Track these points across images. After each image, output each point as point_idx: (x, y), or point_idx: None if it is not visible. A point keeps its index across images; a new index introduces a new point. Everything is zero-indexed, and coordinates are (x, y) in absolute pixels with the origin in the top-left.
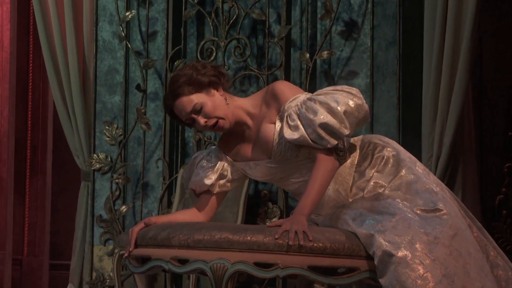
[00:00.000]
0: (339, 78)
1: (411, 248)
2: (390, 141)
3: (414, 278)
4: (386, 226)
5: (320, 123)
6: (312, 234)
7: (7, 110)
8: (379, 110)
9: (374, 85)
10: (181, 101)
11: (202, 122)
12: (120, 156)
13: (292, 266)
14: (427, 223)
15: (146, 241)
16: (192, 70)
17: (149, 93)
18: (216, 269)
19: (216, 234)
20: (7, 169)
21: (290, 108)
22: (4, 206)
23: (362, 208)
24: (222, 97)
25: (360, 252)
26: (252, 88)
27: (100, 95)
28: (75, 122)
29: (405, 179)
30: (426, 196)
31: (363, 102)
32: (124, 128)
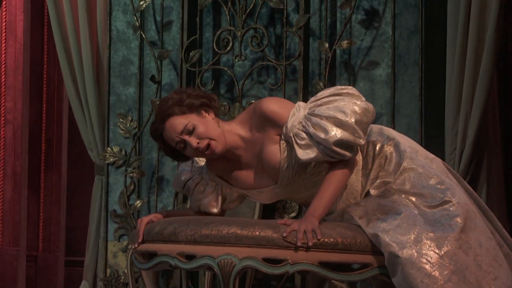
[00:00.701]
0: (359, 68)
1: (417, 246)
2: (387, 130)
3: (421, 278)
4: (391, 225)
5: (334, 142)
6: (321, 232)
7: (20, 103)
8: (400, 101)
9: (395, 76)
10: (172, 122)
11: (194, 143)
12: (134, 149)
13: (302, 262)
14: (435, 219)
15: (152, 236)
16: (182, 93)
17: (164, 84)
18: (224, 265)
19: (224, 229)
20: (21, 163)
21: (293, 127)
22: (18, 201)
23: (369, 206)
24: (214, 120)
25: (373, 248)
26: (270, 79)
27: (114, 86)
28: (89, 115)
29: (409, 173)
30: (432, 189)
31: (366, 102)
32: (138, 121)
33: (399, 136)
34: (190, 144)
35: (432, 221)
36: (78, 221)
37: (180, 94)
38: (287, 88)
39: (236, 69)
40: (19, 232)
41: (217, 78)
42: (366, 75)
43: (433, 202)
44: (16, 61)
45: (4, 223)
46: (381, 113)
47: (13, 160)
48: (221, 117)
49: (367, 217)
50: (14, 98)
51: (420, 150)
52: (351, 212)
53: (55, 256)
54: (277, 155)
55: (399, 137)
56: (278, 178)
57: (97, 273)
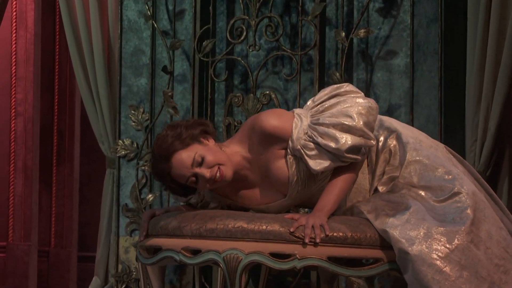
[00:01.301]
0: (377, 58)
1: (427, 242)
2: (386, 122)
3: (432, 275)
4: (400, 220)
5: (346, 149)
6: (329, 228)
7: (31, 94)
8: (419, 91)
9: (414, 65)
10: (178, 158)
11: (208, 174)
12: (146, 141)
13: (310, 257)
14: (445, 213)
15: (157, 230)
16: (176, 127)
17: (176, 75)
18: (230, 260)
19: (230, 223)
20: (32, 156)
21: (299, 139)
22: (29, 195)
23: (378, 202)
24: (215, 146)
25: (383, 242)
26: (285, 69)
27: (126, 77)
28: (100, 107)
29: (414, 166)
30: (440, 180)
31: (366, 98)
32: (150, 113)
33: (400, 126)
34: (203, 176)
35: (442, 215)
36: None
37: (175, 128)
38: (302, 79)
39: (250, 59)
40: (31, 227)
41: (230, 68)
42: (384, 65)
43: (442, 195)
44: (27, 52)
45: (15, 217)
46: (399, 104)
47: (24, 154)
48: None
49: (376, 212)
50: (25, 90)
51: (423, 139)
52: (360, 207)
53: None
54: (285, 170)
55: (400, 127)
56: (287, 192)
57: (109, 268)
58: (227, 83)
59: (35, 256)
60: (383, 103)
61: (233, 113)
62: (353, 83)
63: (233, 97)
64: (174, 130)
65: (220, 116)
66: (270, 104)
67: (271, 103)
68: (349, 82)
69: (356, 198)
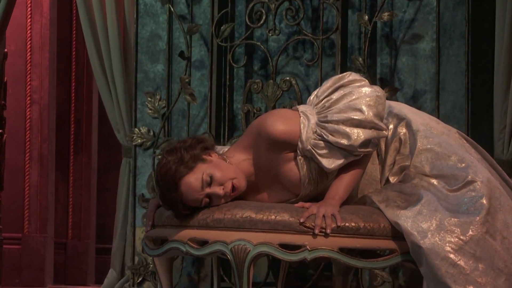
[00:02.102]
0: (402, 42)
1: (440, 234)
2: (396, 108)
3: (445, 269)
4: (412, 211)
5: (359, 144)
6: (341, 218)
7: (47, 81)
8: (446, 77)
9: (440, 49)
10: (186, 183)
11: (221, 191)
12: (163, 129)
13: (321, 248)
14: (459, 203)
15: (163, 220)
16: (175, 151)
17: (194, 61)
18: (237, 251)
19: (238, 213)
20: (48, 145)
21: (308, 139)
22: (45, 185)
23: (390, 193)
24: (220, 159)
25: (397, 233)
26: (307, 54)
27: (142, 63)
28: (115, 94)
29: (426, 154)
30: (453, 168)
31: (372, 86)
32: (167, 100)
33: (409, 112)
34: (216, 194)
35: (456, 205)
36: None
37: (175, 153)
38: (324, 64)
39: (270, 44)
40: (47, 218)
41: (250, 54)
42: (409, 50)
43: (455, 184)
44: (42, 38)
45: (30, 208)
46: (425, 90)
47: (40, 142)
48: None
49: (387, 203)
50: (40, 77)
51: (434, 125)
52: (371, 197)
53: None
54: (296, 172)
55: (410, 113)
56: (299, 192)
57: (125, 261)
58: (246, 69)
59: (51, 248)
60: (407, 89)
61: (252, 100)
62: (377, 69)
63: (252, 83)
64: (175, 155)
65: (238, 103)
66: (291, 91)
67: (291, 89)
68: (373, 67)
69: (367, 189)
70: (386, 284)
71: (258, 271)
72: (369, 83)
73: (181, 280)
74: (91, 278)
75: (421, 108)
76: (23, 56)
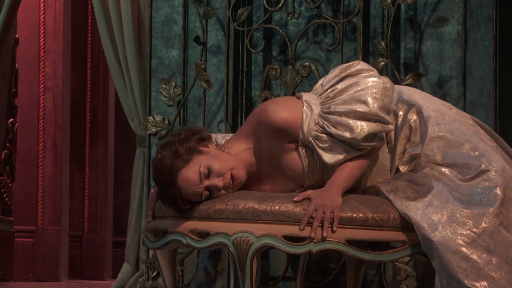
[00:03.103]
0: (426, 25)
1: (451, 226)
2: (406, 94)
3: (457, 263)
4: (422, 203)
5: (362, 138)
6: (339, 216)
7: (61, 68)
8: (472, 61)
9: (467, 33)
10: (184, 177)
11: (220, 183)
12: (178, 118)
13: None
14: (472, 193)
15: (163, 211)
16: (170, 145)
17: (210, 46)
18: (240, 243)
19: (240, 203)
20: (62, 134)
21: (310, 131)
22: (59, 176)
23: (399, 183)
24: (218, 149)
25: (408, 224)
26: (327, 39)
27: (156, 49)
28: (129, 81)
29: (437, 143)
30: (466, 157)
31: (380, 77)
32: (183, 87)
33: (420, 97)
34: (215, 186)
35: (469, 196)
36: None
37: (169, 147)
38: (345, 49)
39: (289, 28)
40: (61, 210)
41: (268, 38)
42: (434, 33)
43: (468, 173)
44: (56, 23)
45: (44, 200)
46: (451, 76)
47: (54, 132)
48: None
49: (396, 193)
50: (54, 64)
51: (447, 112)
52: (380, 187)
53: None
54: (299, 163)
55: (421, 99)
56: (304, 182)
57: (140, 254)
58: (265, 54)
59: (66, 241)
60: (432, 74)
61: (271, 86)
62: (400, 53)
63: (270, 69)
64: (169, 149)
65: (256, 90)
66: (310, 77)
67: (311, 75)
68: (396, 52)
69: (376, 179)
70: (410, 279)
71: (277, 264)
72: (378, 73)
73: (197, 275)
74: (108, 273)
75: (446, 95)
76: (36, 42)
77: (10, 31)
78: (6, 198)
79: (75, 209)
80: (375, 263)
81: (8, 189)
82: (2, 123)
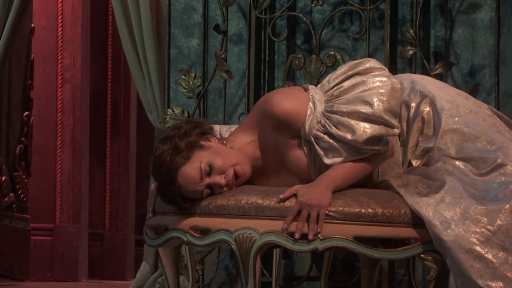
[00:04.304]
0: (458, 12)
1: (464, 224)
2: (419, 84)
3: (470, 263)
4: (433, 199)
5: (364, 141)
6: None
7: (79, 59)
8: (506, 50)
9: (500, 20)
10: (183, 174)
11: (222, 180)
12: (198, 110)
13: (334, 237)
14: (487, 188)
15: (163, 207)
16: (170, 139)
17: (231, 35)
18: (242, 240)
19: (243, 199)
20: (81, 128)
21: (312, 129)
22: (78, 172)
23: (410, 178)
24: (220, 144)
25: (420, 220)
26: (354, 27)
27: (175, 38)
28: (147, 72)
29: (451, 136)
30: (481, 151)
31: (390, 76)
32: (203, 78)
33: (434, 87)
34: (217, 184)
35: (484, 191)
36: None
37: (169, 141)
38: (372, 37)
39: (314, 16)
40: (80, 207)
41: (291, 26)
42: (466, 20)
43: (484, 167)
44: (75, 11)
45: (63, 197)
46: (483, 65)
47: (72, 125)
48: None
49: (407, 189)
50: (72, 54)
51: (462, 102)
52: (390, 182)
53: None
54: (303, 159)
55: (434, 89)
56: (310, 178)
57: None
58: (288, 43)
59: (85, 239)
60: (464, 63)
61: (294, 77)
62: (430, 41)
63: (294, 58)
64: (169, 144)
65: (279, 80)
66: (336, 66)
67: (336, 65)
68: (426, 40)
69: (388, 174)
70: None
71: (301, 263)
72: (389, 73)
73: (218, 274)
74: (130, 272)
75: (479, 85)
76: (54, 32)
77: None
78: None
79: (95, 206)
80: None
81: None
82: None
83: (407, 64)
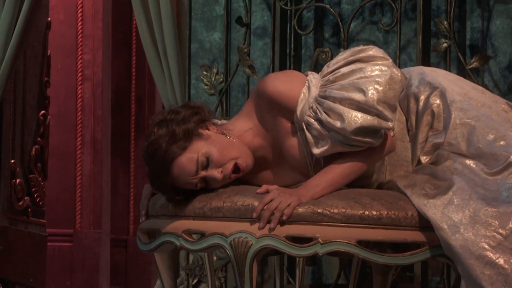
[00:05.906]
0: (496, 2)
1: (474, 228)
2: (429, 75)
3: (481, 270)
4: (441, 200)
5: (352, 130)
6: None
7: (100, 55)
8: None
9: None
10: (179, 165)
11: (219, 175)
12: (220, 107)
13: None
14: (498, 189)
15: (156, 210)
16: (166, 123)
17: (255, 28)
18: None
19: (239, 201)
20: (102, 128)
21: (303, 114)
22: (100, 173)
23: (418, 178)
24: (218, 133)
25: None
26: (385, 19)
27: (196, 32)
28: (167, 67)
29: (461, 130)
30: (492, 147)
31: (392, 65)
32: (225, 73)
33: (445, 79)
34: (213, 178)
35: (495, 192)
36: None
37: (166, 126)
38: (404, 29)
39: (343, 7)
40: (101, 211)
41: (319, 18)
42: (504, 11)
43: (496, 166)
44: (95, 4)
45: (83, 200)
46: None
47: (93, 125)
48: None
49: (413, 189)
50: (92, 50)
51: (475, 96)
52: (396, 181)
53: None
54: (300, 148)
55: (445, 81)
56: (309, 173)
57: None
58: (316, 36)
59: (107, 246)
60: (502, 56)
61: None
62: (466, 33)
63: (320, 52)
64: (166, 129)
65: None
66: None
67: None
68: (462, 32)
69: (397, 172)
70: None
71: (329, 271)
72: (393, 64)
73: None
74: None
75: None
76: (74, 26)
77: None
78: (38, 198)
79: (118, 210)
80: (439, 268)
81: (39, 189)
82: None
83: (441, 58)
